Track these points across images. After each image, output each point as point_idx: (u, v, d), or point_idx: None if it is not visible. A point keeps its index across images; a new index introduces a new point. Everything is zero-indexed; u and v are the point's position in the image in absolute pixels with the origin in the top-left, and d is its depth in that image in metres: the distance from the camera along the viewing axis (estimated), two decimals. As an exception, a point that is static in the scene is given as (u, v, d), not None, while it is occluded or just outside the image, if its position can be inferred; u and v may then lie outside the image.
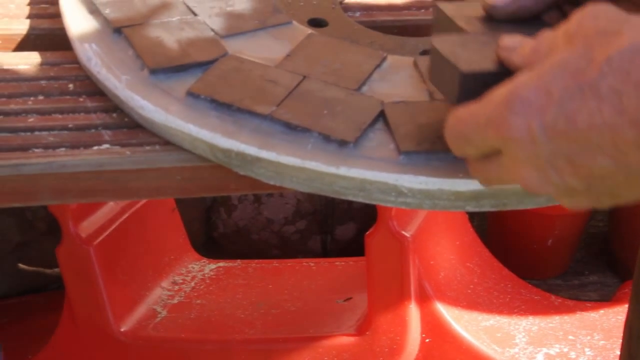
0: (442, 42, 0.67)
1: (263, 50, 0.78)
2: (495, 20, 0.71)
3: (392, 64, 0.78)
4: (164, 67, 0.74)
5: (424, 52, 0.81)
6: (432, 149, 0.68)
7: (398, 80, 0.76)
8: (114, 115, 0.74)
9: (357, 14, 0.89)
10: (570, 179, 0.58)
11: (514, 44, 0.63)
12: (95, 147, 0.71)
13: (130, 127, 0.73)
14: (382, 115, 0.72)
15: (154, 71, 0.74)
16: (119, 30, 0.78)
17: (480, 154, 0.61)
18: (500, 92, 0.59)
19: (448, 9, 0.74)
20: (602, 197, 0.59)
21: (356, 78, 0.75)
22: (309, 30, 0.81)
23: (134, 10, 0.80)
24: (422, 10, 0.90)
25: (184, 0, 0.82)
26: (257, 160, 0.68)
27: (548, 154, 0.57)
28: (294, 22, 0.82)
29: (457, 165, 0.68)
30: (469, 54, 0.66)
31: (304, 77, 0.74)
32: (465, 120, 0.61)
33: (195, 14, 0.80)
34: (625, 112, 0.54)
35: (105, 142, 0.72)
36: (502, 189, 0.67)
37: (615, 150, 0.55)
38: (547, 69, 0.58)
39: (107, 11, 0.79)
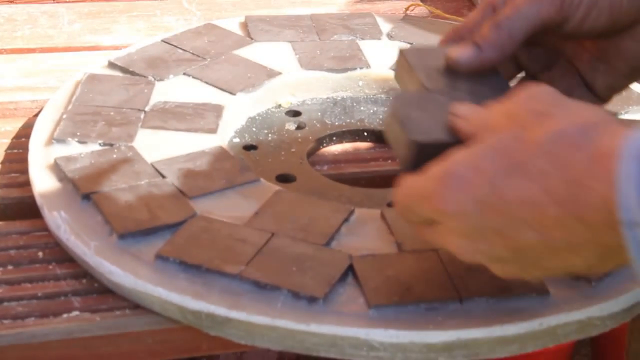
0: (400, 101, 0.69)
1: (232, 209, 0.78)
2: (455, 73, 0.75)
3: (360, 217, 0.78)
4: (132, 232, 0.74)
5: (391, 204, 0.82)
6: (401, 301, 0.68)
7: (366, 233, 0.76)
8: (84, 281, 0.74)
9: (325, 167, 0.90)
10: (499, 250, 0.61)
11: (465, 114, 0.67)
12: (65, 315, 0.71)
13: (100, 292, 0.73)
14: (351, 270, 0.72)
15: (122, 236, 0.74)
16: (88, 197, 0.78)
17: (423, 222, 0.65)
18: (437, 167, 0.63)
19: (410, 56, 0.77)
20: (529, 267, 0.62)
21: (324, 233, 0.75)
22: (277, 187, 0.82)
23: (102, 177, 0.81)
24: (389, 161, 0.91)
25: (152, 163, 0.83)
26: (227, 320, 0.68)
27: (479, 226, 0.61)
28: (262, 180, 0.83)
29: (427, 317, 0.68)
30: (424, 120, 0.68)
31: (273, 234, 0.75)
32: (408, 193, 0.65)
33: (163, 176, 0.81)
34: (550, 192, 0.58)
35: (75, 309, 0.71)
36: (473, 340, 0.67)
37: (540, 226, 0.59)
38: (483, 147, 0.62)
39: (75, 178, 0.80)
